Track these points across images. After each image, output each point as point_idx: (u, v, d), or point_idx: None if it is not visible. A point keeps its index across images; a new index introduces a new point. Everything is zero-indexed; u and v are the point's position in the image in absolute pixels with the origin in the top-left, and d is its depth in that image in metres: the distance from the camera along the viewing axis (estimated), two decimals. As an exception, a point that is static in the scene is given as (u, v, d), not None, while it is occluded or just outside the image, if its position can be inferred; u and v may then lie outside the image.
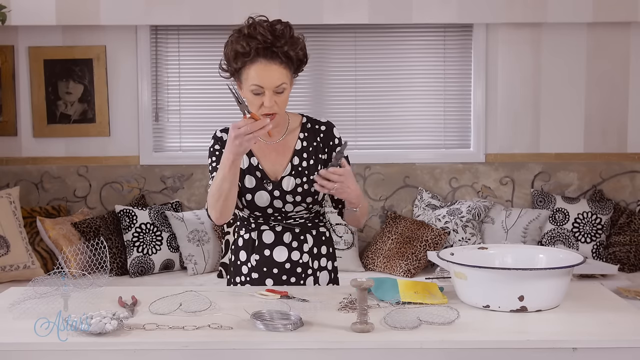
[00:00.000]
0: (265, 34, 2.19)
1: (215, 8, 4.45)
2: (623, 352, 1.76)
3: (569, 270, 2.01)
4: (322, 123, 2.41)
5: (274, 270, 2.36)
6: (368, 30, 4.68)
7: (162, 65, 4.70)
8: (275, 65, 2.20)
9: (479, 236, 4.41)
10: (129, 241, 4.28)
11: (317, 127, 2.39)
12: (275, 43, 2.19)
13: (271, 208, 2.33)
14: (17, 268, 4.02)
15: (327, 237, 2.46)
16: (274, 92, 2.21)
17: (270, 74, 2.19)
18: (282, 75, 2.21)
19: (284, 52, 2.20)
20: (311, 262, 2.38)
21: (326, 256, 2.44)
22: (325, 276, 2.42)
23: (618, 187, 4.68)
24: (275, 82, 2.20)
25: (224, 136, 2.38)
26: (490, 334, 1.82)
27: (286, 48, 2.20)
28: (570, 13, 4.47)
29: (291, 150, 2.36)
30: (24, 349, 1.77)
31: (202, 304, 2.04)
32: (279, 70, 2.20)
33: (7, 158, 4.66)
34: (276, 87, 2.20)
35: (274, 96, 2.21)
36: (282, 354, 1.77)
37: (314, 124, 2.40)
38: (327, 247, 2.44)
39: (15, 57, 4.61)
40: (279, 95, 2.22)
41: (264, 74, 2.19)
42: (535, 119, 4.68)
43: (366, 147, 4.75)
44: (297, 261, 2.36)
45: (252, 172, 2.35)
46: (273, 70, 2.20)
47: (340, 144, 2.40)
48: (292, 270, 2.36)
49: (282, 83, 2.21)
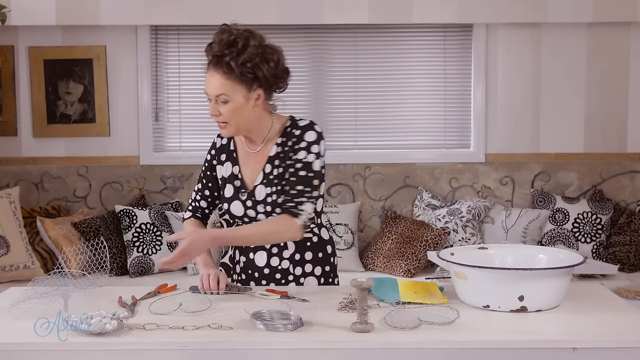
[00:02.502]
0: (218, 42, 2.19)
1: (215, 8, 4.45)
2: (623, 352, 1.76)
3: (569, 270, 2.01)
4: (300, 127, 2.31)
5: (256, 274, 2.38)
6: (368, 30, 4.68)
7: (162, 65, 4.70)
8: (218, 75, 2.19)
9: (479, 236, 4.41)
10: (129, 241, 4.28)
11: (294, 132, 2.30)
12: (223, 52, 2.17)
13: (247, 217, 2.33)
14: (17, 268, 4.02)
15: (315, 242, 2.38)
16: (216, 101, 2.21)
17: (211, 83, 2.21)
18: (222, 85, 2.19)
19: (226, 62, 2.17)
20: (292, 269, 2.35)
21: (312, 262, 2.37)
22: (312, 282, 2.36)
23: (618, 187, 4.68)
24: (214, 91, 2.20)
25: (218, 142, 2.45)
26: (490, 334, 1.82)
27: (228, 59, 2.17)
28: (570, 13, 4.47)
29: (266, 158, 2.33)
30: (24, 349, 1.77)
31: (202, 303, 2.04)
32: (220, 80, 2.19)
33: (7, 158, 4.66)
34: (216, 97, 2.21)
35: (217, 105, 2.22)
36: (282, 354, 1.77)
37: (294, 127, 2.32)
38: (313, 253, 2.37)
39: (15, 57, 4.61)
40: (223, 105, 2.21)
41: (207, 81, 2.23)
42: (535, 119, 4.68)
43: (366, 147, 4.75)
44: (276, 267, 2.35)
45: (232, 181, 2.37)
46: (214, 79, 2.20)
47: (307, 147, 2.27)
48: (271, 275, 2.36)
49: (221, 93, 2.19)
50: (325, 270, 2.40)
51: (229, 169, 2.38)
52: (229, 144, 2.42)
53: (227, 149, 2.42)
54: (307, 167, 2.25)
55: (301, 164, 2.24)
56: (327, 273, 2.40)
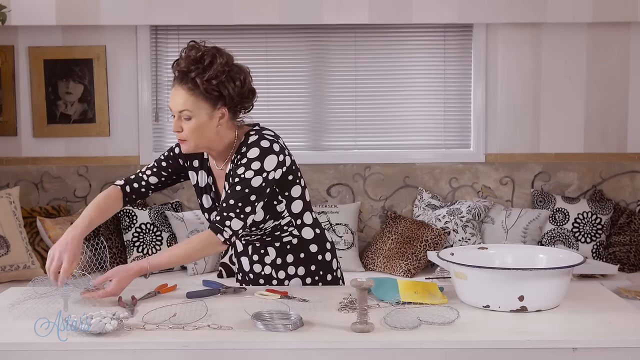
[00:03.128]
0: (185, 58, 2.18)
1: (215, 8, 4.45)
2: (623, 352, 1.76)
3: (569, 270, 2.01)
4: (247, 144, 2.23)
5: (246, 278, 2.43)
6: (368, 30, 4.68)
7: (162, 65, 4.70)
8: (183, 90, 2.18)
9: (479, 236, 4.41)
10: (129, 241, 4.28)
11: (242, 148, 2.25)
12: (189, 67, 2.16)
13: None
14: (17, 268, 4.02)
15: (295, 244, 2.35)
16: (179, 117, 2.20)
17: (175, 98, 2.20)
18: (186, 101, 2.17)
19: (191, 78, 2.16)
20: (275, 273, 2.37)
21: (294, 264, 2.35)
22: (296, 283, 2.36)
23: (618, 187, 4.67)
24: (177, 107, 2.19)
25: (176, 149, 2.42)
26: (490, 334, 1.82)
27: (193, 75, 2.15)
28: (570, 13, 4.47)
29: None
30: (24, 349, 1.77)
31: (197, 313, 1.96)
32: (184, 96, 2.17)
33: (7, 158, 4.66)
34: (179, 112, 2.19)
35: (180, 121, 2.20)
36: (282, 354, 1.77)
37: (244, 143, 2.25)
38: (294, 255, 2.35)
39: (15, 57, 4.61)
40: (186, 121, 2.19)
41: (172, 97, 2.21)
42: (535, 119, 4.68)
43: (366, 147, 4.75)
44: (259, 273, 2.39)
45: (207, 191, 2.37)
46: (178, 95, 2.19)
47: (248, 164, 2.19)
48: (255, 280, 2.40)
49: (184, 109, 2.18)
50: (311, 269, 2.37)
51: (204, 178, 2.37)
52: (202, 153, 2.37)
53: (200, 156, 2.38)
54: (243, 182, 2.18)
55: (238, 178, 2.19)
56: (313, 272, 2.37)
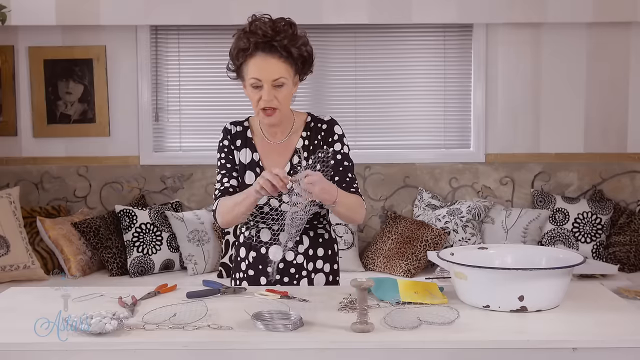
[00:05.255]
0: (266, 29, 2.19)
1: (215, 8, 4.45)
2: (623, 352, 1.76)
3: (569, 270, 2.01)
4: (325, 121, 2.40)
5: (268, 269, 2.35)
6: (368, 30, 4.68)
7: (162, 65, 4.70)
8: (274, 59, 2.20)
9: (479, 236, 4.41)
10: (129, 241, 4.28)
11: (320, 126, 2.38)
12: (275, 37, 2.19)
13: (268, 206, 2.33)
14: (17, 268, 4.02)
15: (327, 239, 2.43)
16: (272, 86, 2.20)
17: (267, 67, 2.19)
18: (280, 69, 2.20)
19: (283, 46, 2.19)
20: (306, 264, 2.38)
21: (323, 258, 2.40)
22: (321, 278, 2.40)
23: (618, 187, 4.68)
24: (272, 75, 2.19)
25: (232, 129, 2.39)
26: (490, 334, 1.82)
27: (285, 42, 2.19)
28: (570, 13, 4.47)
29: (292, 150, 2.35)
30: (24, 349, 1.77)
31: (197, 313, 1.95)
32: (277, 64, 2.20)
33: (7, 158, 4.66)
34: (274, 81, 2.20)
35: (272, 90, 2.21)
36: (282, 354, 1.77)
37: (317, 122, 2.39)
38: (325, 249, 2.42)
39: (15, 57, 4.61)
40: (278, 89, 2.21)
41: (262, 66, 2.20)
42: (535, 119, 4.68)
43: (366, 147, 4.75)
44: (291, 262, 2.37)
45: (252, 168, 2.35)
46: (271, 64, 2.20)
47: (340, 139, 2.38)
48: (285, 270, 2.37)
49: (280, 77, 2.20)
50: (333, 268, 2.44)
51: (248, 155, 2.36)
52: (244, 132, 2.39)
53: (242, 136, 2.39)
54: (346, 157, 2.34)
55: (341, 155, 2.33)
56: (334, 272, 2.45)
